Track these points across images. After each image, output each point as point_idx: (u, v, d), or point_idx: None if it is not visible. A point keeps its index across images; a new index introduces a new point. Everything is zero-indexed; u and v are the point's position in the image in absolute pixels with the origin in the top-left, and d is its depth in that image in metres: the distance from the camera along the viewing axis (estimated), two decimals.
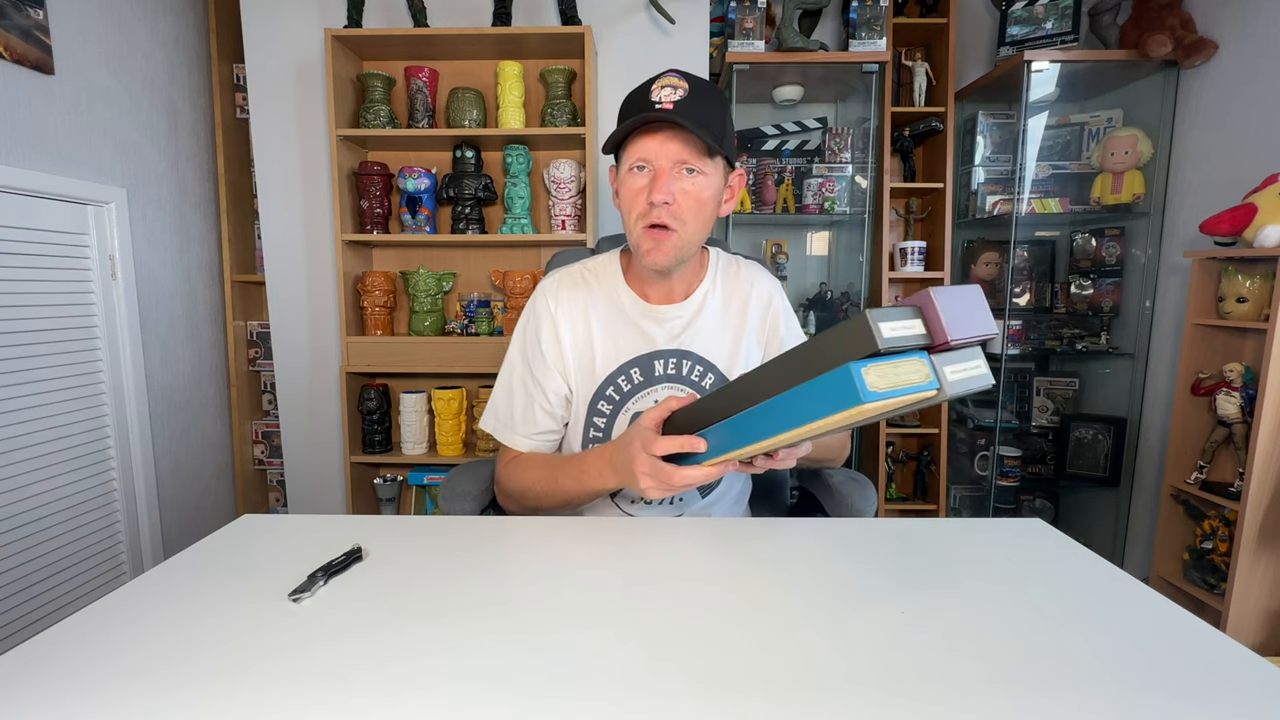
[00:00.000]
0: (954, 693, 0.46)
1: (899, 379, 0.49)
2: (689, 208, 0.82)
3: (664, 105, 0.79)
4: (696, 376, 0.94)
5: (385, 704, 0.46)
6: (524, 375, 0.95)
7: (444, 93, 1.98)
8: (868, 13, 1.98)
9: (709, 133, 0.79)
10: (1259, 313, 1.56)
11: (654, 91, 0.81)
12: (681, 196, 0.81)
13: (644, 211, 0.82)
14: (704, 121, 0.79)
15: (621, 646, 0.53)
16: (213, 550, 0.72)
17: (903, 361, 0.50)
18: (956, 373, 0.52)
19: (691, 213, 0.82)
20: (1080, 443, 2.25)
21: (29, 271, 1.54)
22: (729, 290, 0.97)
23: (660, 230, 0.82)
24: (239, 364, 2.26)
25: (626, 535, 0.77)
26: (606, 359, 0.93)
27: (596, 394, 0.93)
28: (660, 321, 0.93)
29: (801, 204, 2.21)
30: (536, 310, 0.95)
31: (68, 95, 1.63)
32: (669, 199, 0.80)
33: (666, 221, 0.81)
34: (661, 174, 0.80)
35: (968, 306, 0.52)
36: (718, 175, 0.84)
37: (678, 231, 0.82)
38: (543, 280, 0.98)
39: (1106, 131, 2.13)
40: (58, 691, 0.47)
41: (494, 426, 0.97)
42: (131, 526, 1.84)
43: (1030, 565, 0.68)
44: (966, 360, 0.53)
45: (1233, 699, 0.46)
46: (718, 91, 0.84)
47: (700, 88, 0.81)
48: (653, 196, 0.80)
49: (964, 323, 0.52)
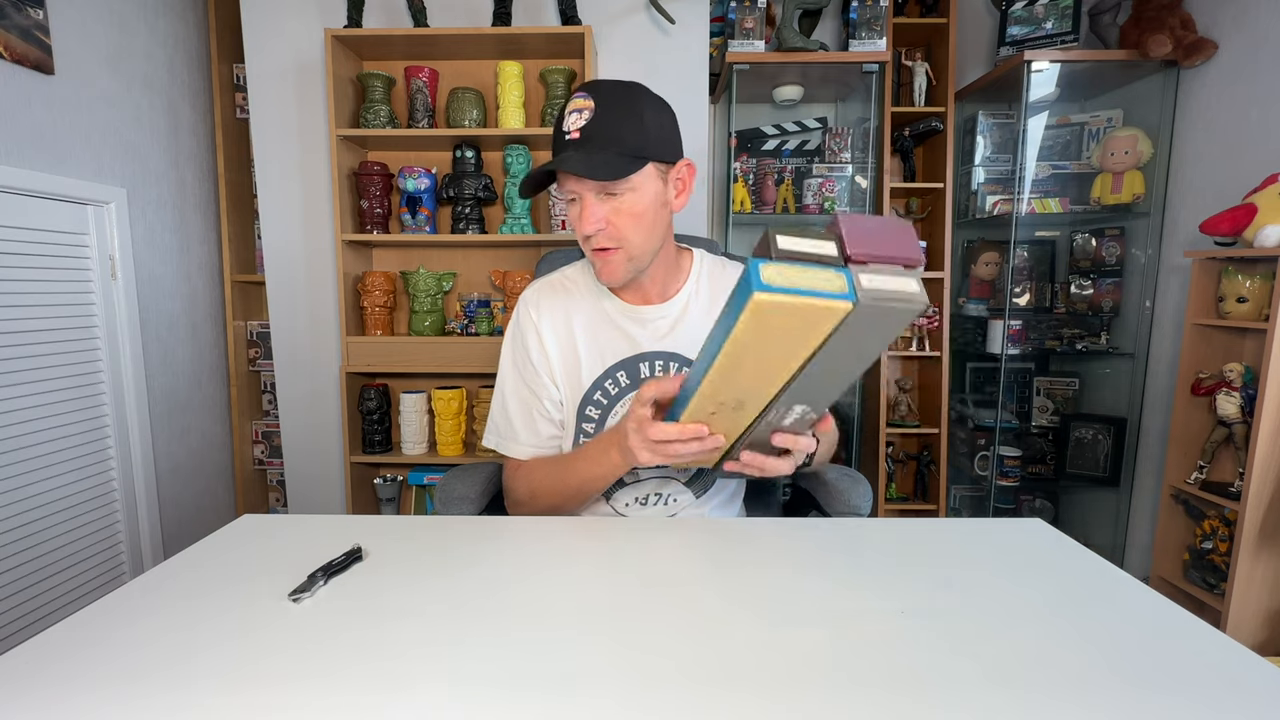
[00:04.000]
0: (954, 693, 0.46)
1: (803, 281, 0.49)
2: (625, 225, 0.83)
3: (571, 135, 0.80)
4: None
5: (385, 703, 0.46)
6: (517, 386, 0.96)
7: (444, 93, 1.98)
8: (868, 13, 1.98)
9: (615, 152, 0.79)
10: (1259, 313, 1.56)
11: (566, 118, 0.82)
12: (613, 217, 0.82)
13: (585, 237, 0.85)
14: (611, 140, 0.79)
15: (620, 646, 0.53)
16: (213, 550, 0.72)
17: (814, 270, 0.50)
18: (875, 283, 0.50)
19: (629, 228, 0.83)
20: (1080, 443, 2.25)
21: (29, 271, 1.54)
22: (715, 289, 0.97)
23: (603, 252, 0.85)
24: (239, 364, 2.26)
25: (625, 535, 0.77)
26: (592, 364, 0.93)
27: (584, 399, 0.94)
28: (643, 323, 0.94)
29: (801, 204, 2.21)
30: (520, 322, 0.97)
31: (68, 95, 1.63)
32: (600, 225, 0.82)
33: (606, 244, 0.84)
34: (587, 204, 0.82)
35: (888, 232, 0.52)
36: (650, 181, 0.83)
37: (622, 248, 0.84)
38: (524, 293, 1.00)
39: (1106, 131, 2.13)
40: (58, 691, 0.47)
41: (497, 442, 0.98)
42: (131, 526, 1.84)
43: (1030, 565, 0.68)
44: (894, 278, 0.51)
45: (1233, 699, 0.46)
46: (632, 96, 0.82)
47: (608, 101, 0.80)
48: (582, 229, 0.83)
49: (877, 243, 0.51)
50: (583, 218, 0.83)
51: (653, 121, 0.82)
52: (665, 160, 0.84)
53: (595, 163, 0.78)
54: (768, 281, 0.49)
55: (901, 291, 0.51)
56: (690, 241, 1.06)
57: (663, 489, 0.95)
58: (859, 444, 2.31)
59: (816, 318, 0.51)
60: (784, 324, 0.52)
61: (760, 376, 0.59)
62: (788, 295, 0.49)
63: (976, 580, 0.64)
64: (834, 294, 0.49)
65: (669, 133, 0.85)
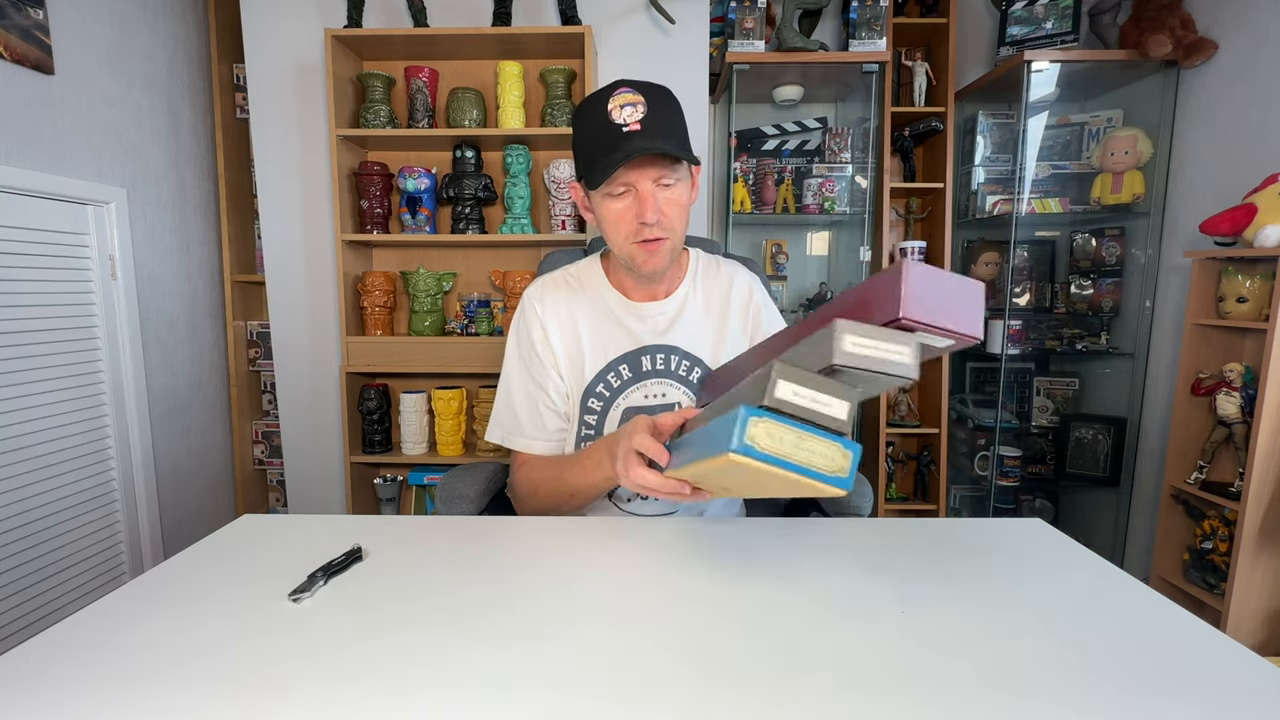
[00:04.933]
0: (954, 693, 0.46)
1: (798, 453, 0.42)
2: (674, 215, 0.87)
3: (631, 127, 0.82)
4: (684, 371, 0.96)
5: (385, 703, 0.46)
6: (524, 380, 0.98)
7: (444, 93, 1.98)
8: (868, 13, 1.98)
9: (678, 144, 0.83)
10: (1259, 313, 1.56)
11: (614, 112, 0.83)
12: (666, 207, 0.86)
13: (633, 230, 0.86)
14: (670, 133, 0.83)
15: (620, 646, 0.53)
16: (213, 550, 0.72)
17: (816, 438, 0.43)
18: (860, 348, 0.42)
19: (677, 218, 0.87)
20: (1080, 443, 2.25)
21: (29, 271, 1.54)
22: (709, 287, 1.00)
23: (654, 242, 0.87)
24: (239, 364, 2.26)
25: (626, 535, 0.77)
26: (595, 357, 0.96)
27: (587, 391, 0.95)
28: (644, 318, 0.97)
29: (801, 204, 2.21)
30: (525, 316, 0.99)
31: (68, 95, 1.63)
32: (660, 216, 0.85)
33: (660, 234, 0.86)
34: (647, 196, 0.84)
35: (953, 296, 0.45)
36: (688, 176, 0.89)
37: (668, 238, 0.88)
38: (528, 288, 1.02)
39: (1106, 131, 2.13)
40: (58, 692, 0.47)
41: (501, 436, 0.99)
42: (131, 526, 1.84)
43: (1030, 565, 0.68)
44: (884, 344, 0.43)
45: (1233, 699, 0.46)
46: (670, 94, 0.87)
47: (656, 97, 0.84)
48: (645, 218, 0.84)
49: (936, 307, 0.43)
50: (645, 208, 0.84)
51: (684, 122, 0.88)
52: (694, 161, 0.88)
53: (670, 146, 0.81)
54: (750, 442, 0.42)
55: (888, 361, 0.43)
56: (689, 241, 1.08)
57: None
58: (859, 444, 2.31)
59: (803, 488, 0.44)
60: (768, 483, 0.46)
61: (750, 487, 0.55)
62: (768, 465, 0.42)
63: (976, 580, 0.64)
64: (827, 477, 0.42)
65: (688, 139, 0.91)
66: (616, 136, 0.82)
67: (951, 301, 0.45)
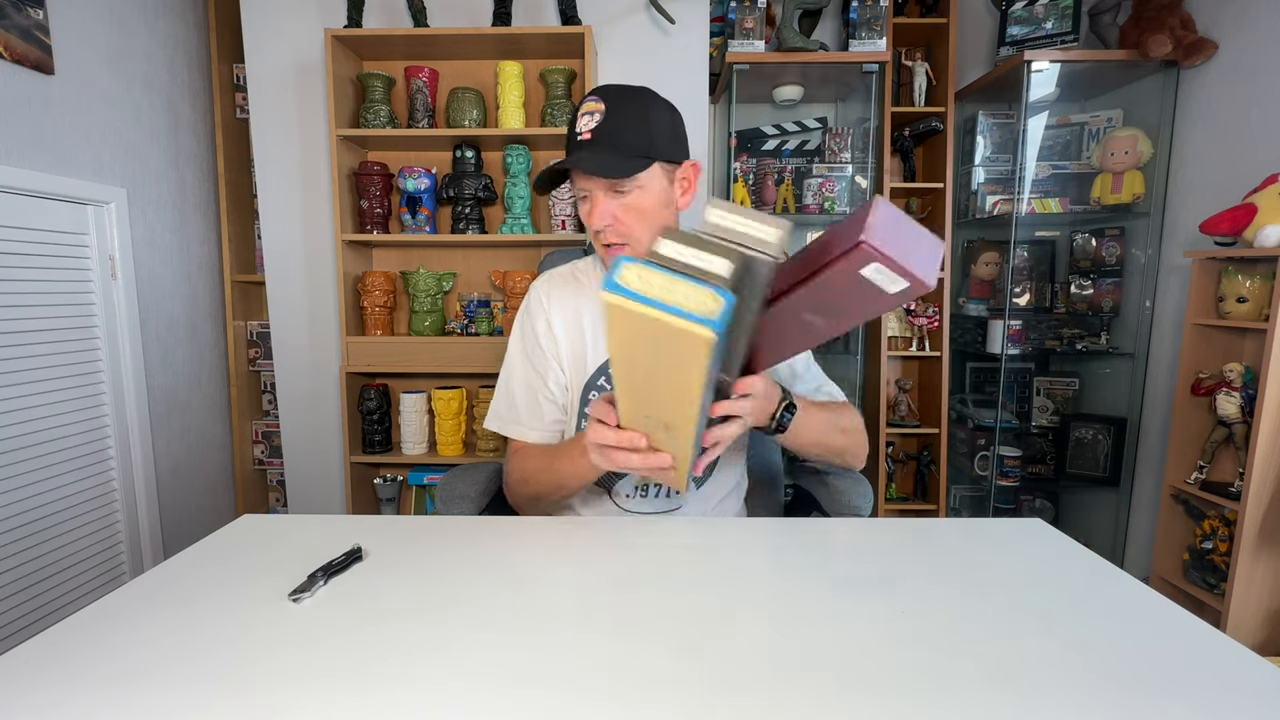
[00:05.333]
0: (954, 693, 0.46)
1: (664, 293, 0.42)
2: (632, 221, 0.87)
3: (583, 136, 0.84)
4: None
5: (385, 703, 0.46)
6: (525, 370, 0.99)
7: (444, 93, 1.98)
8: (868, 13, 1.98)
9: (623, 152, 0.83)
10: (1259, 313, 1.56)
11: (578, 120, 0.86)
12: (622, 214, 0.86)
13: (596, 233, 0.89)
14: (620, 141, 0.83)
15: (620, 646, 0.53)
16: (213, 550, 0.72)
17: (688, 284, 0.43)
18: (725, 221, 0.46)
19: (636, 224, 0.87)
20: (1080, 443, 2.25)
21: (29, 271, 1.54)
22: None
23: (614, 247, 0.89)
24: (239, 364, 2.26)
25: (626, 535, 0.77)
26: (597, 352, 0.97)
27: (587, 385, 0.97)
28: None
29: (801, 204, 2.21)
30: (530, 308, 1.00)
31: (68, 95, 1.63)
32: (608, 222, 0.86)
33: (613, 240, 0.88)
34: (597, 201, 0.86)
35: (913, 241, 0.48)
36: (656, 180, 0.87)
37: (629, 244, 0.88)
38: (535, 281, 1.04)
39: (1106, 131, 2.13)
40: (58, 692, 0.47)
41: (499, 425, 1.00)
42: (131, 526, 1.84)
43: (1030, 565, 0.68)
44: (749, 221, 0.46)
45: (1233, 699, 0.46)
46: (640, 99, 0.86)
47: (617, 104, 0.85)
48: (593, 225, 0.87)
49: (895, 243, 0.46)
50: (593, 213, 0.87)
51: (659, 123, 0.86)
52: (670, 160, 0.88)
53: (602, 161, 0.83)
54: (620, 282, 0.43)
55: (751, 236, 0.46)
56: None
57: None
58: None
59: (677, 339, 0.44)
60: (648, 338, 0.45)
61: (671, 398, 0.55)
62: (636, 304, 0.42)
63: (976, 580, 0.64)
64: (696, 317, 0.42)
65: (675, 134, 0.89)
66: (572, 145, 0.86)
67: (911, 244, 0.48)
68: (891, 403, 2.36)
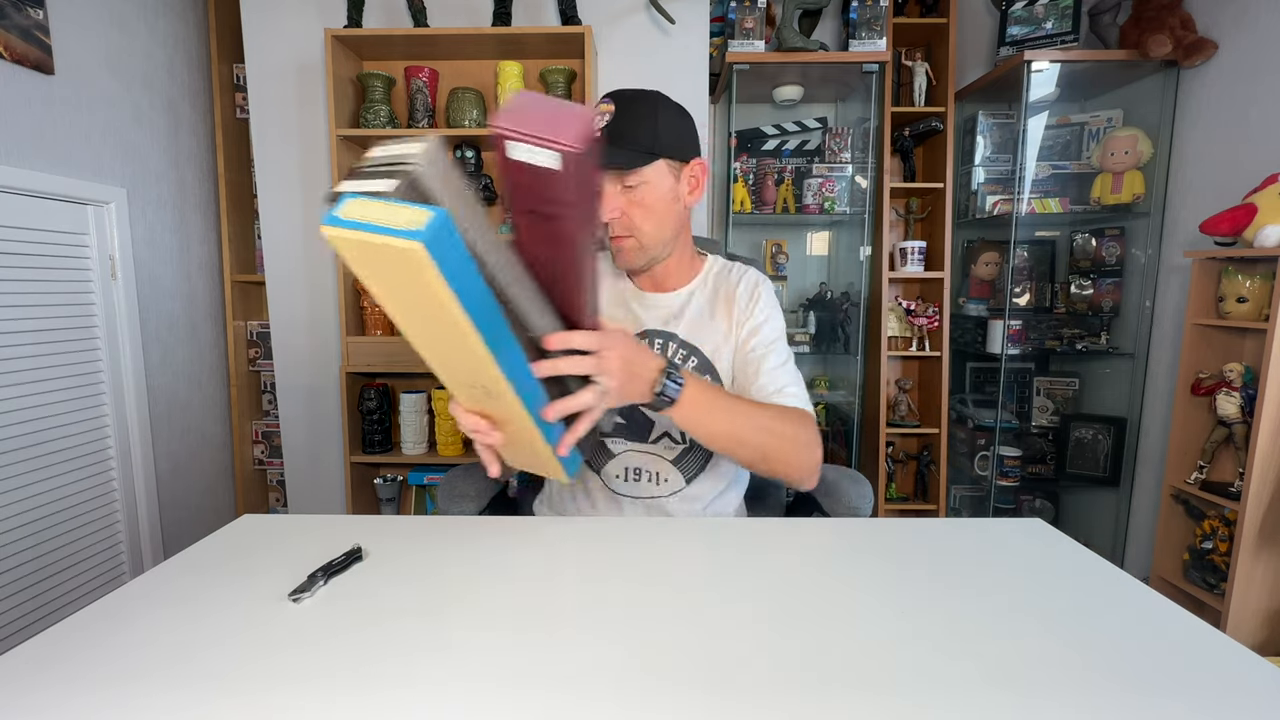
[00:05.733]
0: (954, 693, 0.46)
1: (381, 217, 0.45)
2: (638, 215, 0.90)
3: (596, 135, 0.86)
4: (679, 358, 0.98)
5: (385, 704, 0.46)
6: None
7: (444, 93, 1.98)
8: (868, 13, 1.98)
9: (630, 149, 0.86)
10: (1259, 313, 1.56)
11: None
12: (628, 208, 0.89)
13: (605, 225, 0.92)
14: (628, 138, 0.87)
15: (620, 645, 0.53)
16: (213, 550, 0.72)
17: (405, 207, 0.46)
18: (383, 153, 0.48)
19: (642, 218, 0.90)
20: (1080, 443, 2.25)
21: (29, 271, 1.54)
22: (718, 286, 1.02)
23: (618, 239, 0.92)
24: (239, 364, 2.26)
25: (626, 535, 0.77)
26: None
27: None
28: (648, 307, 1.01)
29: (801, 204, 2.21)
30: None
31: (68, 95, 1.63)
32: (615, 214, 0.89)
33: (619, 232, 0.91)
34: (608, 195, 0.89)
35: (549, 112, 0.50)
36: (663, 177, 0.90)
37: (634, 237, 0.91)
38: None
39: (1106, 131, 2.13)
40: (58, 692, 0.47)
41: None
42: (131, 526, 1.84)
43: (1030, 565, 0.68)
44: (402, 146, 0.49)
45: (1233, 699, 0.46)
46: (648, 101, 0.90)
47: (627, 104, 0.88)
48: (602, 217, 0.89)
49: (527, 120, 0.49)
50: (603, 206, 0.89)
51: (666, 123, 0.90)
52: (677, 158, 0.91)
53: (609, 155, 0.86)
54: (341, 215, 0.45)
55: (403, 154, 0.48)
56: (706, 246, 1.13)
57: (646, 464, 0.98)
58: (859, 444, 2.31)
59: (401, 263, 0.46)
60: (379, 271, 0.48)
61: (454, 350, 0.55)
62: (352, 231, 0.45)
63: (976, 580, 0.64)
64: (402, 231, 0.44)
65: (683, 134, 0.93)
66: None
67: (549, 116, 0.50)
68: (891, 403, 2.36)
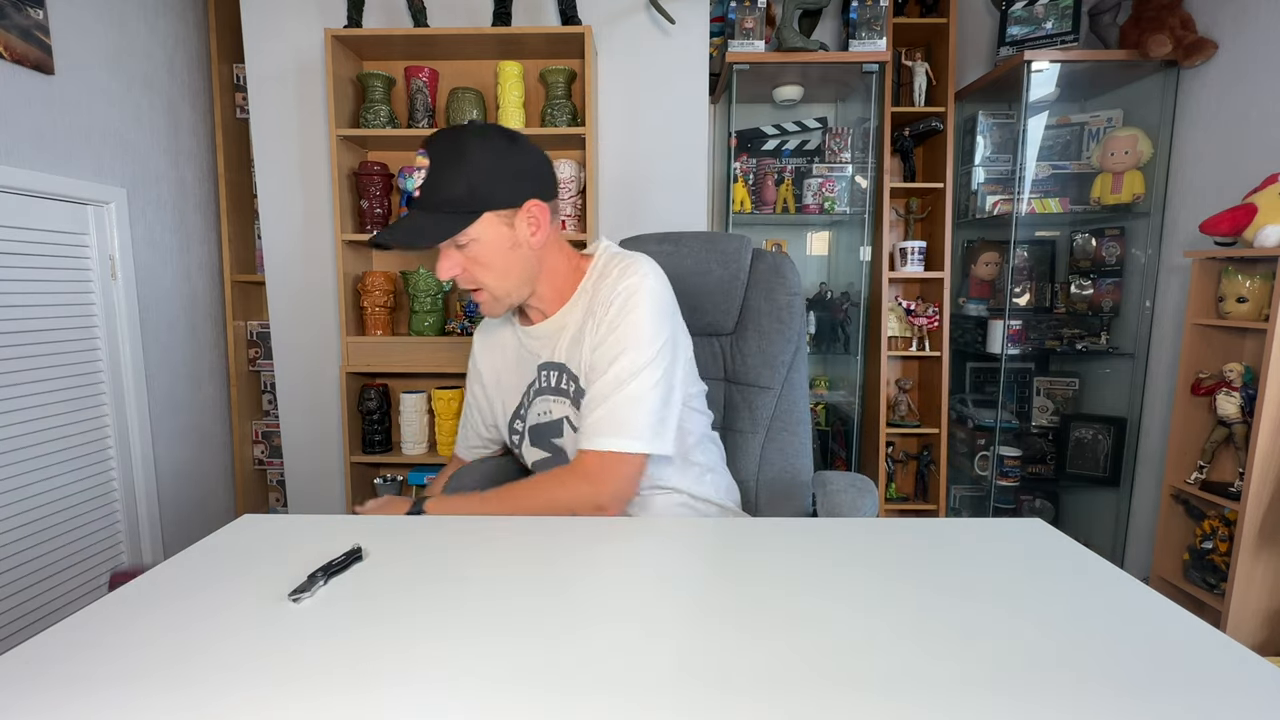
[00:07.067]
0: (954, 693, 0.46)
1: None
2: (478, 271, 0.88)
3: (414, 194, 0.85)
4: (566, 384, 0.95)
5: (385, 704, 0.46)
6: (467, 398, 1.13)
7: (444, 93, 1.98)
8: (868, 13, 1.98)
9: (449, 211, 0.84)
10: (1259, 313, 1.56)
11: (412, 175, 0.86)
12: (466, 265, 0.88)
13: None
14: (444, 199, 0.83)
15: (620, 646, 0.52)
16: (213, 550, 0.72)
17: None
18: None
19: (483, 273, 0.89)
20: (1080, 443, 2.25)
21: (29, 271, 1.54)
22: (593, 300, 0.93)
23: (471, 292, 0.92)
24: (239, 364, 2.26)
25: (626, 535, 0.77)
26: (513, 394, 1.03)
27: (514, 415, 1.03)
28: (534, 338, 1.00)
29: (801, 204, 2.21)
30: (473, 345, 1.11)
31: (68, 95, 1.63)
32: (453, 273, 0.88)
33: (466, 286, 0.91)
34: (440, 255, 0.88)
35: None
36: (492, 228, 0.86)
37: (483, 289, 0.90)
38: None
39: (1106, 131, 2.13)
40: (58, 692, 0.47)
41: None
42: (131, 527, 1.84)
43: (1030, 565, 0.68)
44: None
45: (1233, 699, 0.46)
46: (464, 150, 0.84)
47: (440, 158, 0.84)
48: (440, 277, 0.89)
49: None
50: (438, 267, 0.89)
51: (483, 172, 0.84)
52: (504, 207, 0.86)
53: (419, 228, 0.84)
54: None
55: None
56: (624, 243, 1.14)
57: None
58: (859, 444, 2.31)
59: None
60: None
61: None
62: None
63: (976, 580, 0.64)
64: None
65: (507, 178, 0.86)
66: (408, 201, 0.88)
67: None
68: (891, 403, 2.36)
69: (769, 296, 1.15)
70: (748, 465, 1.13)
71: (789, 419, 1.13)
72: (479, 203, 0.84)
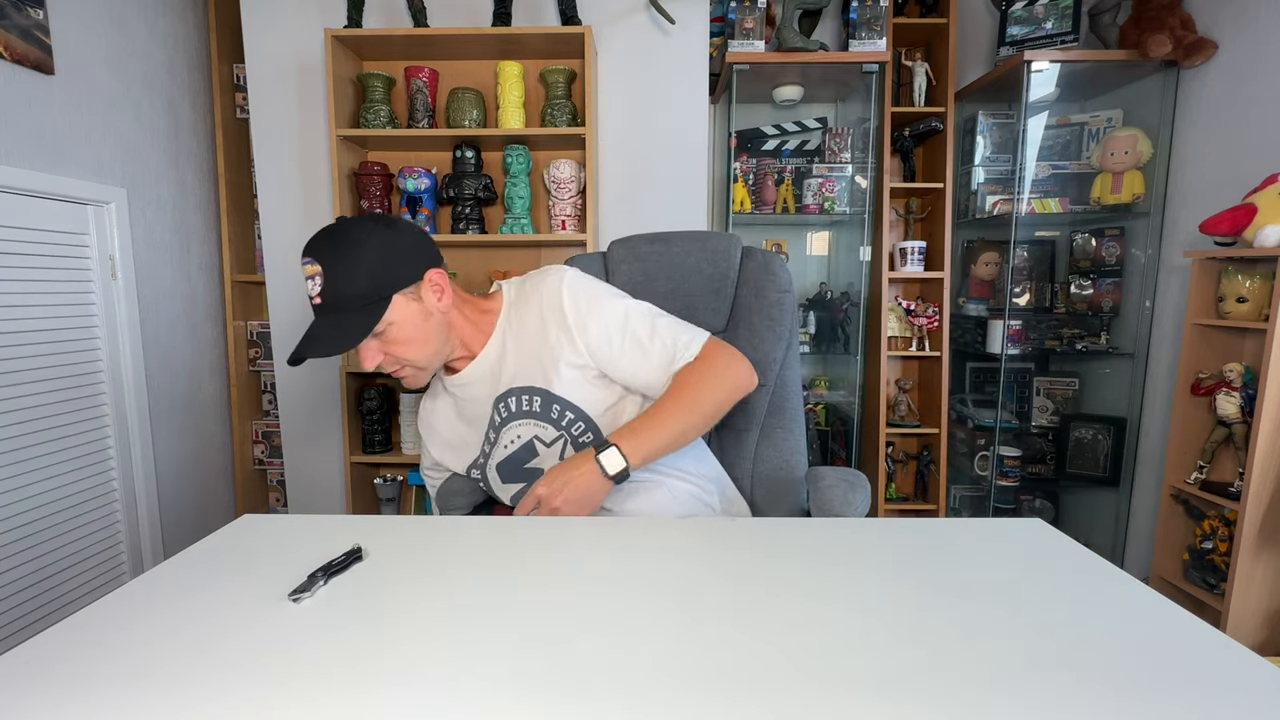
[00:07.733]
0: (954, 693, 0.46)
1: None
2: (400, 350, 0.89)
3: (315, 301, 0.85)
4: (526, 404, 0.95)
5: (385, 704, 0.46)
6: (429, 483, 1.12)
7: (444, 93, 1.98)
8: (868, 13, 1.98)
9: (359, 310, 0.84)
10: (1259, 313, 1.56)
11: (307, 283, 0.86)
12: (387, 348, 0.88)
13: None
14: (349, 299, 0.83)
15: (620, 645, 0.52)
16: (213, 550, 0.72)
17: None
18: None
19: (404, 351, 0.89)
20: (1080, 443, 2.25)
21: (29, 271, 1.54)
22: (523, 314, 0.97)
23: (396, 373, 0.92)
24: (239, 364, 2.26)
25: (626, 535, 0.77)
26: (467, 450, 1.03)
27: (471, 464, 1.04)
28: (465, 385, 0.99)
29: (801, 204, 2.21)
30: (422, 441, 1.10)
31: (68, 95, 1.63)
32: (377, 360, 0.88)
33: (391, 369, 0.91)
34: (363, 348, 0.87)
35: None
36: (403, 309, 0.87)
37: (407, 366, 0.91)
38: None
39: (1106, 131, 2.13)
40: (58, 692, 0.47)
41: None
42: (131, 526, 1.84)
43: (1030, 565, 0.68)
44: None
45: (1233, 699, 0.46)
46: (349, 247, 0.84)
47: (329, 260, 0.83)
48: (365, 367, 0.89)
49: None
50: (361, 357, 0.88)
51: (382, 259, 0.85)
52: (407, 285, 0.87)
53: (339, 332, 0.84)
54: None
55: None
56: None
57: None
58: (859, 444, 2.31)
59: None
60: None
61: None
62: None
63: (976, 580, 0.64)
64: None
65: (402, 257, 0.87)
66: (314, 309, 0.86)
67: None
68: (891, 403, 2.36)
69: (759, 294, 1.15)
70: (742, 462, 1.14)
71: (782, 415, 1.13)
72: (386, 288, 0.85)
